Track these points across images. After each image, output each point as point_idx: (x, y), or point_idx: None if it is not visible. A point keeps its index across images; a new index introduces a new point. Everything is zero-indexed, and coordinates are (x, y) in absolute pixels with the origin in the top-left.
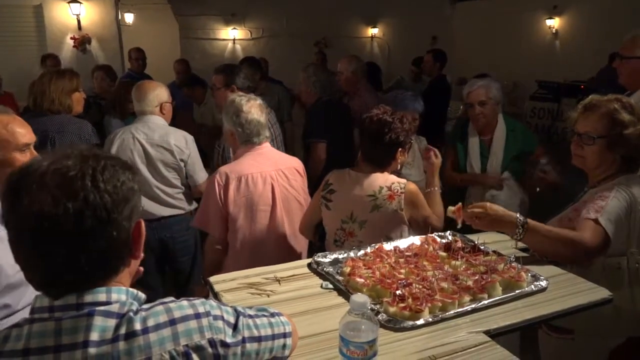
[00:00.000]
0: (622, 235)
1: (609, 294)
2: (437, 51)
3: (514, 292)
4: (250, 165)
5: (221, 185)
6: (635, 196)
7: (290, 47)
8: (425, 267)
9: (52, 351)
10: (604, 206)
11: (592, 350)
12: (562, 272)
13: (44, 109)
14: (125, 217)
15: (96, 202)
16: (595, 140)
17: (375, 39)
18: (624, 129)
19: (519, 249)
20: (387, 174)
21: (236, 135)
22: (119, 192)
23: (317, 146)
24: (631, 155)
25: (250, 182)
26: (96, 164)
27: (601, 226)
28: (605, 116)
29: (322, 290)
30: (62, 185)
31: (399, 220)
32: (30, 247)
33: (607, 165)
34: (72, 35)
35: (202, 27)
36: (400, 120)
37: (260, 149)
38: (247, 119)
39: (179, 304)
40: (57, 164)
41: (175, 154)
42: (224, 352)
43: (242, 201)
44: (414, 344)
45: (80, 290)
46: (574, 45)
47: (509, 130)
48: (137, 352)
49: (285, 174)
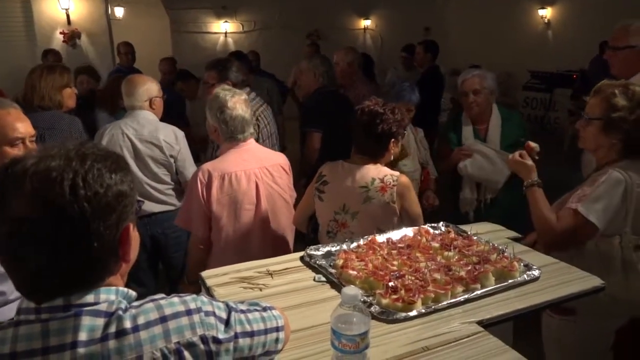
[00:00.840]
0: (618, 217)
1: (601, 282)
2: (428, 42)
3: (507, 282)
4: (234, 162)
5: (203, 183)
6: (632, 179)
7: (283, 39)
8: (418, 259)
9: (40, 353)
10: (588, 194)
11: (594, 331)
12: (554, 261)
13: (35, 105)
14: (109, 226)
15: (73, 212)
16: (590, 121)
17: (368, 30)
18: (616, 112)
19: (512, 238)
20: (380, 166)
21: (220, 131)
22: (102, 199)
23: (312, 135)
24: (631, 141)
25: (234, 180)
26: (80, 167)
27: (581, 214)
28: (604, 100)
29: (315, 283)
30: (40, 189)
31: (390, 212)
32: (5, 251)
33: (606, 149)
34: (62, 30)
35: (193, 21)
36: (392, 112)
37: (245, 145)
38: (231, 116)
39: (169, 301)
40: (39, 165)
41: (165, 150)
42: (217, 349)
43: (226, 200)
44: (406, 336)
45: (66, 294)
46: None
47: (504, 120)
48: (128, 350)
49: (270, 171)
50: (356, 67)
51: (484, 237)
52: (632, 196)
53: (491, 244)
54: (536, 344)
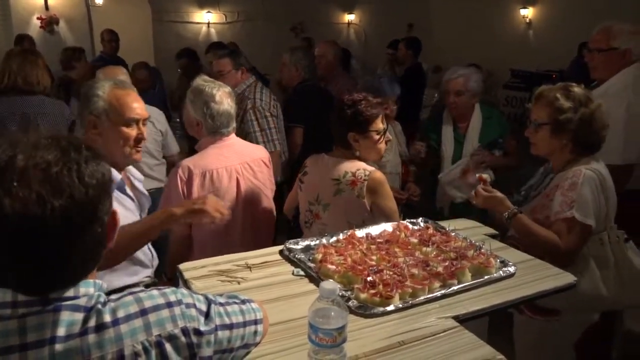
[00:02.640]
0: (602, 215)
1: (574, 279)
2: (410, 39)
3: (483, 278)
4: (215, 159)
5: (184, 180)
6: (602, 174)
7: (266, 31)
8: (397, 254)
9: (17, 350)
10: (576, 199)
11: (574, 329)
12: (530, 258)
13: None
14: (107, 211)
15: (83, 199)
16: (539, 127)
17: (352, 25)
18: (563, 114)
19: (488, 234)
20: (358, 161)
21: (204, 125)
22: (102, 185)
23: (294, 131)
24: (580, 140)
25: (215, 177)
26: (78, 156)
27: (579, 222)
28: (548, 104)
29: (294, 277)
30: (46, 181)
31: (360, 207)
32: (7, 250)
33: (559, 152)
34: (39, 16)
35: (176, 10)
36: (368, 104)
37: (227, 140)
38: (218, 110)
39: (149, 294)
40: (36, 159)
41: (156, 125)
42: (198, 341)
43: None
44: (384, 330)
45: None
46: (547, 35)
47: (485, 118)
48: (109, 344)
49: (251, 166)
50: (338, 61)
51: (462, 234)
52: (607, 191)
53: (469, 240)
54: (510, 339)
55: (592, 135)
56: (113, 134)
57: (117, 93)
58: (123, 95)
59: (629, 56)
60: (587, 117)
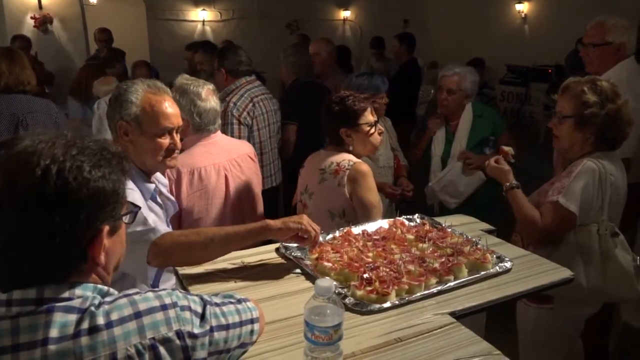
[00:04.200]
0: (595, 206)
1: (571, 274)
2: (403, 35)
3: (480, 274)
4: (202, 157)
5: (172, 179)
6: (606, 168)
7: (262, 29)
8: (393, 250)
9: (9, 351)
10: (566, 185)
11: (569, 319)
12: (526, 253)
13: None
14: (76, 222)
15: (35, 198)
16: (563, 120)
17: (347, 21)
18: (588, 109)
19: (485, 230)
20: (346, 154)
21: (190, 123)
22: (72, 193)
23: (288, 128)
24: (603, 135)
25: (203, 175)
26: (61, 154)
27: (562, 206)
28: (574, 97)
29: (290, 275)
30: (13, 170)
31: (340, 196)
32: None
33: (580, 145)
34: (33, 15)
35: (170, 8)
36: (356, 99)
37: (214, 137)
38: (205, 108)
39: (143, 296)
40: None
41: None
42: (192, 343)
43: (196, 195)
44: (380, 327)
45: (39, 286)
46: (542, 30)
47: (476, 116)
48: (101, 347)
49: (238, 162)
50: (333, 58)
51: (458, 229)
52: (606, 184)
53: (465, 236)
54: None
55: (616, 132)
56: (144, 142)
57: (151, 99)
58: (158, 102)
59: (623, 50)
60: (613, 113)
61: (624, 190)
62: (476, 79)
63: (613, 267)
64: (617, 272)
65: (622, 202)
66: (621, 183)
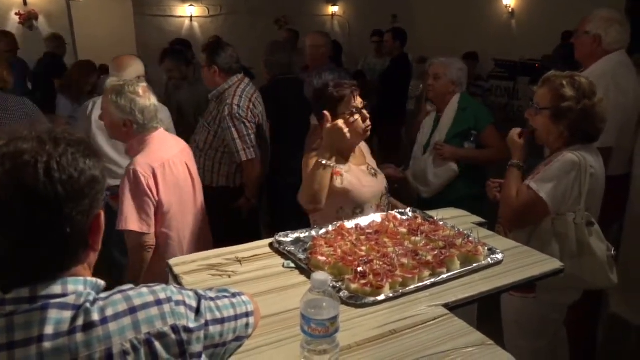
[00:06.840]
0: (571, 197)
1: (561, 265)
2: (397, 30)
3: (472, 266)
4: (162, 151)
5: (147, 176)
6: (586, 159)
7: (250, 24)
8: (386, 244)
9: (5, 349)
10: (542, 172)
11: (551, 307)
12: (517, 245)
13: None
14: (82, 211)
15: (47, 195)
16: (539, 111)
17: (335, 17)
18: (565, 102)
19: (476, 223)
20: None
21: (134, 123)
22: (76, 183)
23: None
24: (577, 130)
25: (172, 166)
26: (54, 150)
27: (532, 189)
28: (553, 90)
29: (284, 269)
30: (13, 171)
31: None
32: None
33: (556, 137)
34: (17, 11)
35: (157, 4)
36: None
37: (160, 133)
38: (145, 104)
39: (138, 292)
40: (9, 147)
41: None
42: (188, 338)
43: (171, 188)
44: (375, 319)
45: (33, 283)
46: (529, 25)
47: (460, 109)
48: (97, 343)
49: (187, 153)
50: (328, 52)
51: (450, 223)
52: (585, 177)
53: (457, 229)
54: (498, 325)
55: (589, 128)
56: None
57: None
58: None
59: (598, 42)
60: (588, 108)
61: (603, 181)
62: (464, 67)
63: (588, 255)
64: (591, 261)
65: (600, 192)
66: (600, 174)
